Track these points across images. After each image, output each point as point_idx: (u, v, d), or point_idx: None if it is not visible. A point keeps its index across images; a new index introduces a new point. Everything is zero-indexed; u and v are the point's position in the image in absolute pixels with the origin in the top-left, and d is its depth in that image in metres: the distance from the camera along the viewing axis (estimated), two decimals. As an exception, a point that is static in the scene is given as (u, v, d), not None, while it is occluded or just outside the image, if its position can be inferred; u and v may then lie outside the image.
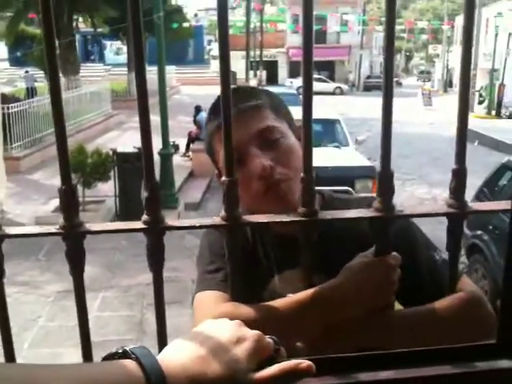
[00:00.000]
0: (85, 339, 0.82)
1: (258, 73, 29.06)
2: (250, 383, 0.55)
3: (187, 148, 11.66)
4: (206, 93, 17.33)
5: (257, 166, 1.00)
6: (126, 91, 20.63)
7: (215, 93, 0.95)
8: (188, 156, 11.45)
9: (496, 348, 0.75)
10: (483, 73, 24.57)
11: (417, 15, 63.53)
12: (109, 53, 38.63)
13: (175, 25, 22.96)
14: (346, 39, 40.58)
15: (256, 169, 1.00)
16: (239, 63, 27.66)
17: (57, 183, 0.77)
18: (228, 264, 0.84)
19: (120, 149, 7.70)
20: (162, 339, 0.81)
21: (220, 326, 0.60)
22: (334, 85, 36.90)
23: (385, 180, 0.79)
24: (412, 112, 22.60)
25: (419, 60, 74.32)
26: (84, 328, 0.82)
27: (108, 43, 37.38)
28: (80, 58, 23.53)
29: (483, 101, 24.14)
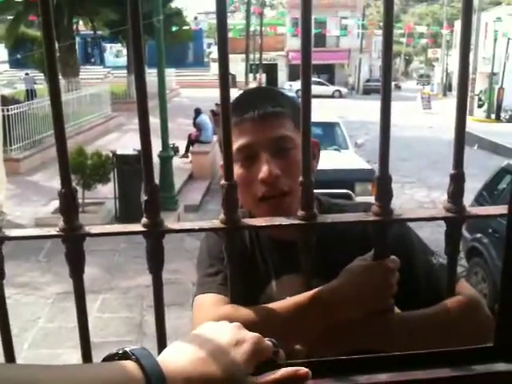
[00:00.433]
0: (84, 340, 0.82)
1: (258, 76, 29.09)
2: None
3: (187, 150, 11.65)
4: (206, 95, 17.41)
5: (264, 171, 1.01)
6: (126, 93, 20.67)
7: (215, 95, 0.96)
8: (187, 157, 11.44)
9: (493, 351, 0.75)
10: (482, 77, 24.61)
11: (416, 19, 63.63)
12: (109, 55, 38.70)
13: (175, 28, 23.02)
14: (346, 43, 40.67)
15: (263, 173, 1.01)
16: (239, 66, 27.73)
17: (56, 185, 0.77)
18: (227, 267, 0.84)
19: (120, 151, 7.70)
20: (162, 341, 0.82)
21: (219, 329, 0.60)
22: (333, 88, 36.83)
23: (383, 184, 0.79)
24: (411, 115, 22.63)
25: (419, 64, 74.29)
26: (84, 329, 0.82)
27: (108, 46, 37.46)
28: (80, 61, 23.57)
29: (482, 104, 24.19)
